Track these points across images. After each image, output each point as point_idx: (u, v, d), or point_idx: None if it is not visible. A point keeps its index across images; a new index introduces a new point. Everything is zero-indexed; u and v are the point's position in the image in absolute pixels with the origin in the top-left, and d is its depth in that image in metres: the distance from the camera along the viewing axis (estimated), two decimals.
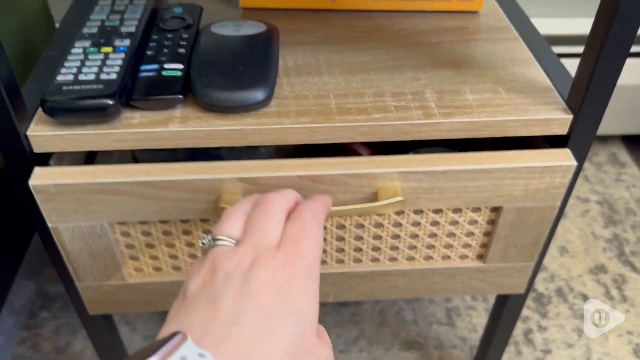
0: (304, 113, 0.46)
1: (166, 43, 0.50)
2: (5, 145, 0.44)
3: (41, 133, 0.44)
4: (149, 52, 0.49)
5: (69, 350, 0.79)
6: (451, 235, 0.51)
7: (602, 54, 0.42)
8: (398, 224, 0.50)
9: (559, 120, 0.47)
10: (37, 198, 0.44)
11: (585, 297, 0.87)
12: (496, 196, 0.47)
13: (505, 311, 0.62)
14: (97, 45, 0.48)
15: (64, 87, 0.44)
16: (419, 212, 0.49)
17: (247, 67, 0.47)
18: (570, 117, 0.46)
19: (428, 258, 0.53)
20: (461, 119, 0.46)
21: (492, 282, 0.55)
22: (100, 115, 0.44)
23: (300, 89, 0.49)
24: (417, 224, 0.49)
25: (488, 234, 0.51)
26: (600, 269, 0.91)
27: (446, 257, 0.53)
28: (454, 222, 0.50)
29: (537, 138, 0.51)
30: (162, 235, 0.47)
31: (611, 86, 0.44)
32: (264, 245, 0.34)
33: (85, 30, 0.50)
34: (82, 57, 0.47)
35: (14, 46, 0.39)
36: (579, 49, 0.94)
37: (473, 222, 0.50)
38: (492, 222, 0.50)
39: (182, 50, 0.49)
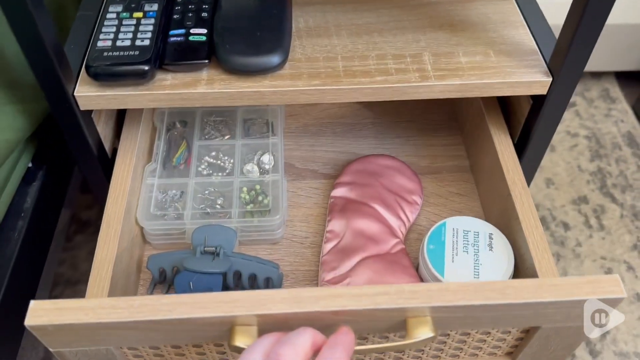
0: (315, 75, 0.52)
1: (190, 7, 0.55)
2: (55, 104, 0.51)
3: (86, 93, 0.51)
4: (175, 16, 0.54)
5: None
6: (481, 341, 0.48)
7: (577, 33, 0.47)
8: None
9: (540, 82, 0.53)
10: (35, 334, 0.40)
11: (566, 226, 0.96)
12: (535, 321, 0.44)
13: None
14: (129, 10, 0.54)
15: (105, 54, 0.50)
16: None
17: (264, 33, 0.53)
18: (550, 79, 0.52)
19: (454, 356, 0.50)
20: (453, 81, 0.52)
21: None
22: (137, 79, 0.50)
23: (312, 52, 0.55)
24: (446, 334, 0.46)
25: (521, 339, 0.48)
26: (583, 199, 1.00)
27: (473, 355, 0.51)
28: (486, 332, 0.47)
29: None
30: (172, 347, 0.45)
31: (586, 55, 0.50)
32: None
33: None
34: (116, 22, 0.53)
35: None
36: None
37: (506, 332, 0.47)
38: (527, 331, 0.47)
39: (205, 15, 0.54)
